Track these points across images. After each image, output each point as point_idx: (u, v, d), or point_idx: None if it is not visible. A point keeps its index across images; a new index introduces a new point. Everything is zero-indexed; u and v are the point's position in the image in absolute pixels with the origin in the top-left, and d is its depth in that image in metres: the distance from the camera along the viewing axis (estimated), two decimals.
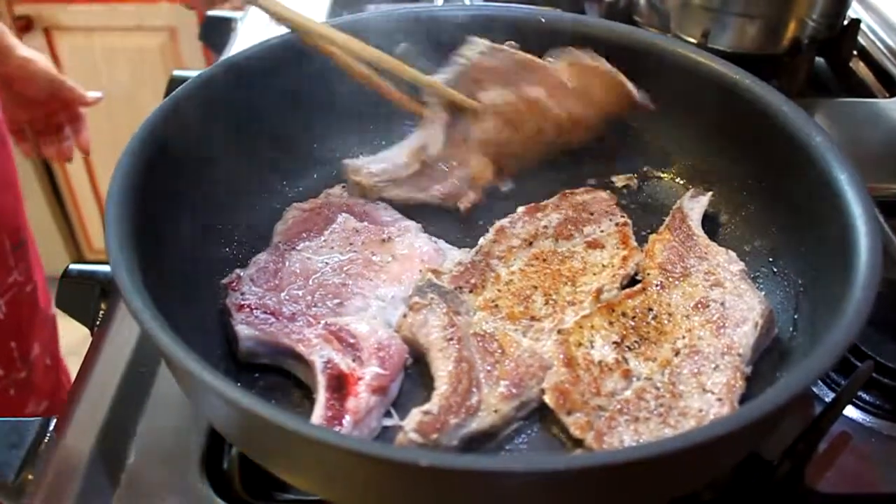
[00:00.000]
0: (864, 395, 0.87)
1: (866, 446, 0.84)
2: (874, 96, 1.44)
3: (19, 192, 1.52)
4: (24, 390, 1.52)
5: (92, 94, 1.61)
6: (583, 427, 0.75)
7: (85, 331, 1.04)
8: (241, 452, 0.79)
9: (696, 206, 0.98)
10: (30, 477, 0.80)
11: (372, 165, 1.01)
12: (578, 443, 0.75)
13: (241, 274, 0.89)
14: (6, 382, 1.48)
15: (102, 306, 1.01)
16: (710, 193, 1.00)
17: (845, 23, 1.46)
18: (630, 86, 1.03)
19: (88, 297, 1.02)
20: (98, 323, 1.00)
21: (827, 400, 0.86)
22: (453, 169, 1.03)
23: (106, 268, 1.03)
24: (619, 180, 1.08)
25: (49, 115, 1.61)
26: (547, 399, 0.77)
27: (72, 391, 0.88)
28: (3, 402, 1.49)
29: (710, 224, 0.98)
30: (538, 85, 1.03)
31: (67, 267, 1.05)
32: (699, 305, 0.85)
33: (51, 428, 0.84)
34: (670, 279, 0.89)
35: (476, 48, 1.01)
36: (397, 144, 1.05)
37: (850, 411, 0.87)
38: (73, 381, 0.89)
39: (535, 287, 0.89)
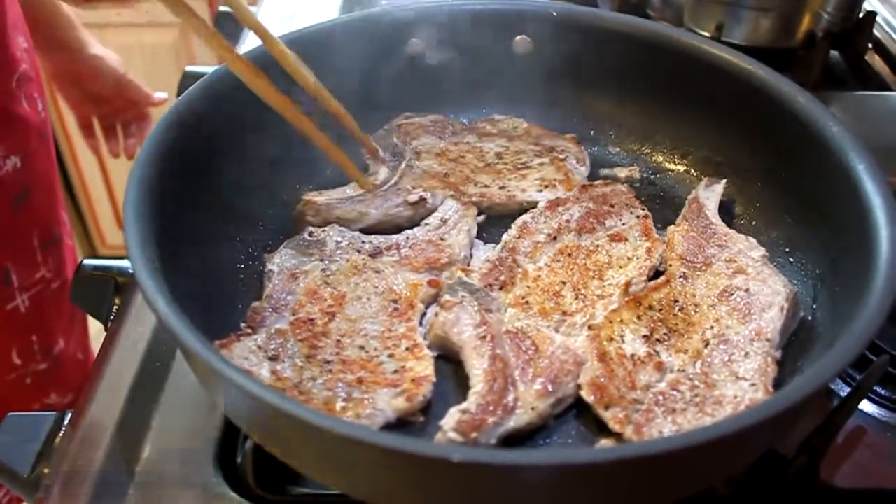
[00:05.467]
0: (880, 390, 0.87)
1: (882, 441, 0.84)
2: (890, 89, 1.43)
3: (56, 191, 1.53)
4: (44, 382, 1.54)
5: (158, 95, 1.65)
6: (621, 421, 0.74)
7: (100, 324, 1.04)
8: (254, 446, 0.79)
9: (711, 195, 0.98)
10: (45, 471, 0.80)
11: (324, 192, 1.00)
12: (614, 436, 0.74)
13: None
14: (23, 372, 1.49)
15: (116, 301, 1.02)
16: (724, 181, 1.00)
17: (860, 15, 1.45)
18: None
19: (103, 292, 1.02)
20: (112, 318, 1.00)
21: (842, 394, 0.86)
22: (408, 193, 1.01)
23: (120, 263, 1.03)
24: (632, 172, 1.08)
25: (116, 112, 1.66)
26: (584, 395, 0.77)
27: (86, 386, 0.88)
28: (18, 391, 1.50)
29: (725, 215, 0.98)
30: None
31: (81, 262, 1.05)
32: (724, 294, 0.85)
33: (66, 422, 0.84)
34: (693, 269, 0.88)
35: None
36: None
37: (866, 406, 0.86)
38: (88, 376, 0.90)
39: (564, 282, 0.88)
